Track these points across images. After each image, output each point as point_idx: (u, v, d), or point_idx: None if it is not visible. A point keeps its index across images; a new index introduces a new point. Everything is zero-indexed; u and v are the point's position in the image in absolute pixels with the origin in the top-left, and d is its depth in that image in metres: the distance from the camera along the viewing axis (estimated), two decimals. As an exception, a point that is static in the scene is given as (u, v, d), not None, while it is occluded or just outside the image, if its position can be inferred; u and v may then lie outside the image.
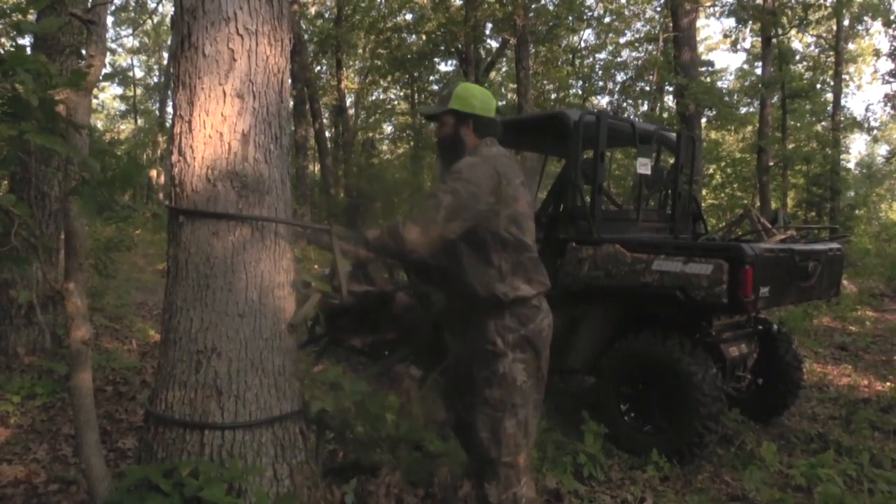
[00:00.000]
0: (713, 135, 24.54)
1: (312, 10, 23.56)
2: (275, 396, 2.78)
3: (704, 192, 21.22)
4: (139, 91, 34.61)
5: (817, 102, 21.81)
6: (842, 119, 20.66)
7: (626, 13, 23.01)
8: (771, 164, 18.93)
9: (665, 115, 20.20)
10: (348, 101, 26.70)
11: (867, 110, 55.04)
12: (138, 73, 35.47)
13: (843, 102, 21.93)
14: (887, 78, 20.95)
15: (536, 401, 2.71)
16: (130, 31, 31.32)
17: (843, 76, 21.96)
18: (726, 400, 4.25)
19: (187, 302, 2.70)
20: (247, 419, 2.69)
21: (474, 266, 2.64)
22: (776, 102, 20.09)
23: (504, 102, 25.34)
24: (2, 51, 2.47)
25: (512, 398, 2.62)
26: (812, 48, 23.89)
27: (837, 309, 10.06)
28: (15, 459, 3.71)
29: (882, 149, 34.31)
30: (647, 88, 21.62)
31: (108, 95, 35.53)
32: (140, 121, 33.34)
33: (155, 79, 34.23)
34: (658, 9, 22.00)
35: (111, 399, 4.81)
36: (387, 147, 30.21)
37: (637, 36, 23.37)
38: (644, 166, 5.04)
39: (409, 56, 21.75)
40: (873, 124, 25.11)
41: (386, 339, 3.62)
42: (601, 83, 23.59)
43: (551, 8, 18.27)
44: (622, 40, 23.48)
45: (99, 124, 32.60)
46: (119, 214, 2.75)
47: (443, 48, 21.25)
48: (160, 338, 2.90)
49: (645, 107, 22.35)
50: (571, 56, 23.15)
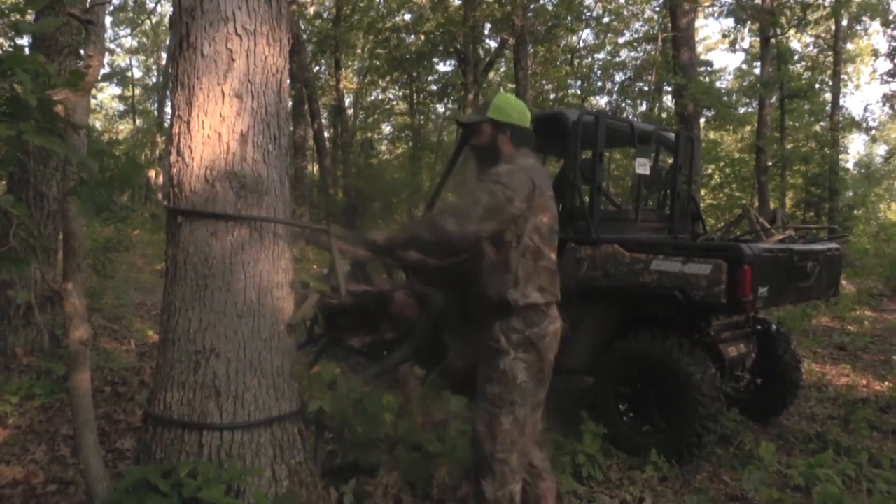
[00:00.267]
0: (712, 135, 24.56)
1: (311, 10, 23.55)
2: (273, 397, 2.78)
3: (703, 192, 21.27)
4: (138, 91, 34.60)
5: (816, 102, 21.85)
6: (840, 119, 20.68)
7: (625, 13, 23.03)
8: (769, 164, 18.96)
9: (664, 115, 20.23)
10: (347, 102, 26.72)
11: (866, 110, 55.41)
12: (137, 74, 35.50)
13: (842, 102, 21.96)
14: (886, 78, 21.03)
15: (536, 401, 2.74)
16: (129, 32, 31.37)
17: (842, 76, 21.98)
18: (725, 400, 4.25)
19: (186, 302, 2.70)
20: (245, 420, 2.69)
21: (493, 269, 2.72)
22: (775, 102, 20.11)
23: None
24: (0, 51, 2.47)
25: (511, 395, 2.67)
26: (811, 48, 23.95)
27: (836, 309, 10.07)
28: (13, 460, 3.70)
29: (880, 149, 34.40)
30: (646, 88, 21.65)
31: (107, 95, 35.54)
32: (138, 121, 33.30)
33: (153, 79, 34.25)
34: (657, 9, 22.02)
35: (109, 399, 4.81)
36: (385, 147, 30.23)
37: (636, 36, 23.42)
38: (643, 166, 5.04)
39: (408, 56, 21.74)
40: (872, 124, 25.29)
41: (385, 339, 3.62)
42: (600, 83, 23.63)
43: (550, 8, 18.29)
44: (621, 40, 23.51)
45: (97, 124, 32.57)
46: (117, 215, 2.76)
47: (441, 48, 21.26)
48: (159, 338, 2.90)
49: (644, 107, 22.39)
50: (570, 56, 23.17)
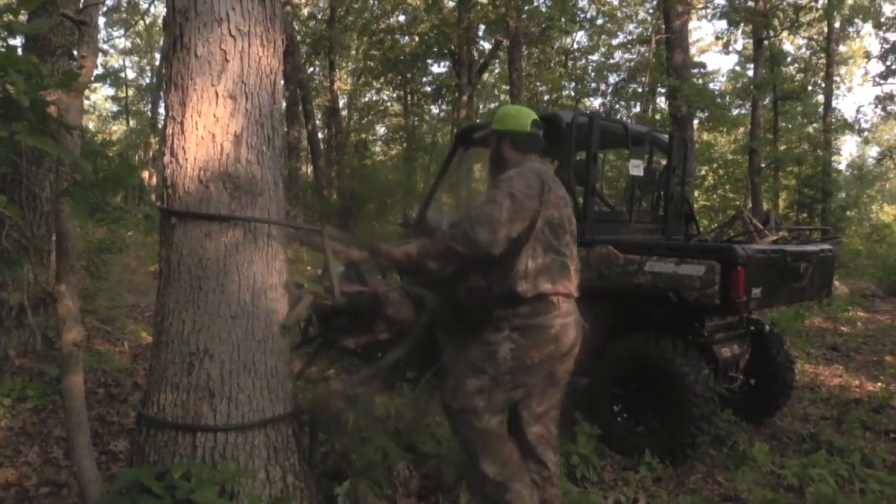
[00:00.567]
0: (705, 136, 24.61)
1: (305, 12, 23.53)
2: (267, 398, 2.78)
3: (696, 194, 21.31)
4: (131, 92, 34.45)
5: (809, 104, 21.93)
6: (833, 121, 20.77)
7: (619, 15, 23.11)
8: (763, 166, 19.01)
9: (657, 117, 20.27)
10: (341, 103, 26.66)
11: (858, 112, 55.25)
12: (130, 74, 35.37)
13: (834, 104, 21.94)
14: (878, 80, 21.17)
15: (514, 385, 2.80)
16: (122, 32, 31.31)
17: (834, 78, 22.06)
18: (719, 400, 4.25)
19: (179, 304, 2.69)
20: (239, 421, 2.68)
21: (501, 264, 2.79)
22: (768, 104, 20.18)
23: (497, 104, 25.41)
24: (-8, 51, 2.45)
25: (484, 364, 2.77)
26: (803, 50, 24.01)
27: (829, 310, 10.11)
28: (6, 462, 3.68)
29: (873, 150, 34.47)
30: (640, 90, 21.69)
31: (100, 96, 35.41)
32: (132, 122, 33.20)
33: (147, 80, 34.08)
34: (650, 11, 22.11)
35: (103, 401, 4.79)
36: (380, 148, 30.20)
37: (629, 38, 23.46)
38: (636, 168, 5.05)
39: (402, 57, 21.72)
40: (864, 126, 25.27)
41: (379, 340, 3.61)
42: (594, 85, 23.69)
43: (544, 10, 18.32)
44: (615, 42, 23.60)
45: (91, 125, 32.40)
46: (111, 216, 2.76)
47: (436, 50, 21.27)
48: (152, 340, 2.89)
49: (637, 108, 22.46)
50: (564, 58, 23.18)
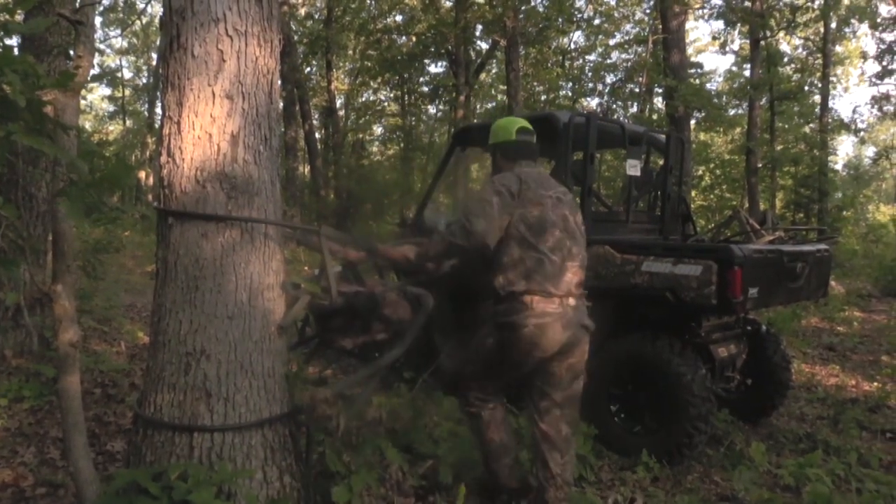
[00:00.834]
0: (702, 136, 24.66)
1: (302, 12, 23.52)
2: (264, 399, 2.77)
3: (693, 194, 21.31)
4: (128, 92, 34.41)
5: (805, 104, 21.97)
6: (829, 121, 20.79)
7: (616, 15, 23.12)
8: (759, 166, 19.04)
9: (654, 117, 20.30)
10: (338, 103, 26.63)
11: (854, 112, 55.54)
12: (127, 74, 35.31)
13: (831, 104, 22.05)
14: (874, 80, 21.22)
15: (501, 379, 3.13)
16: (119, 32, 31.26)
17: (831, 78, 22.10)
18: (715, 400, 4.25)
19: (176, 304, 2.69)
20: (236, 421, 2.68)
21: (489, 261, 3.00)
22: (765, 104, 20.20)
23: (494, 104, 25.43)
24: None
25: (474, 341, 3.14)
26: (800, 50, 24.08)
27: (825, 310, 10.13)
28: (2, 463, 3.67)
29: (869, 150, 34.64)
30: (637, 90, 21.72)
31: (97, 96, 35.37)
32: (129, 122, 33.18)
33: (144, 80, 34.06)
34: (647, 11, 22.13)
35: (100, 402, 4.78)
36: (377, 148, 30.19)
37: (627, 38, 23.48)
38: (633, 168, 5.05)
39: (399, 57, 21.70)
40: (860, 126, 25.33)
41: (376, 341, 3.60)
42: (591, 85, 23.68)
43: (541, 10, 18.32)
44: (612, 42, 23.63)
45: (87, 125, 32.38)
46: (107, 216, 2.75)
47: (433, 50, 21.25)
48: (149, 340, 2.88)
49: (634, 108, 22.44)
50: (561, 58, 23.21)
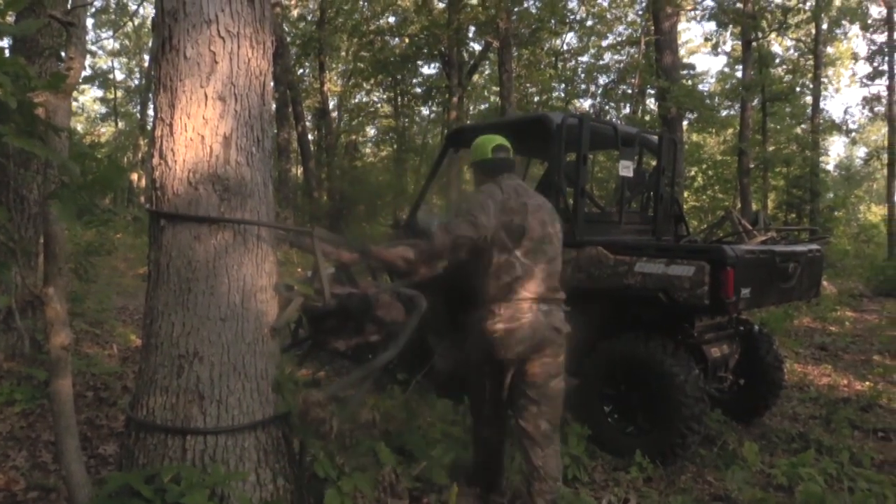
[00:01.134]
0: (694, 137, 24.71)
1: (295, 13, 23.48)
2: (258, 401, 2.77)
3: (686, 195, 21.40)
4: (120, 94, 34.27)
5: (797, 105, 22.09)
6: (821, 122, 20.92)
7: (608, 17, 23.16)
8: (752, 167, 19.12)
9: (647, 118, 20.33)
10: (331, 104, 26.64)
11: (846, 113, 55.58)
12: (119, 76, 35.20)
13: (822, 105, 22.23)
14: (865, 81, 21.29)
15: (486, 373, 3.31)
16: (111, 34, 31.14)
17: (822, 79, 22.20)
18: (708, 400, 4.27)
19: (169, 306, 2.68)
20: (229, 424, 2.67)
21: (477, 265, 3.18)
22: (756, 105, 20.30)
23: (487, 105, 25.45)
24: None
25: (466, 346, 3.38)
26: (791, 52, 24.16)
27: (817, 309, 10.18)
28: (-6, 467, 3.65)
29: (860, 151, 34.75)
30: (629, 91, 21.75)
31: (89, 98, 35.21)
32: (121, 124, 33.02)
33: (136, 81, 33.90)
34: (640, 12, 22.18)
35: (92, 405, 4.76)
36: (370, 150, 30.19)
37: (619, 39, 23.52)
38: (626, 169, 5.06)
39: (392, 59, 21.72)
40: (851, 127, 25.49)
41: (370, 342, 3.60)
42: (584, 86, 23.68)
43: (534, 11, 18.34)
44: (604, 43, 23.63)
45: (79, 127, 32.23)
46: (99, 218, 2.74)
47: (426, 51, 21.28)
48: (141, 342, 2.87)
49: (627, 110, 22.51)
50: (554, 59, 23.22)
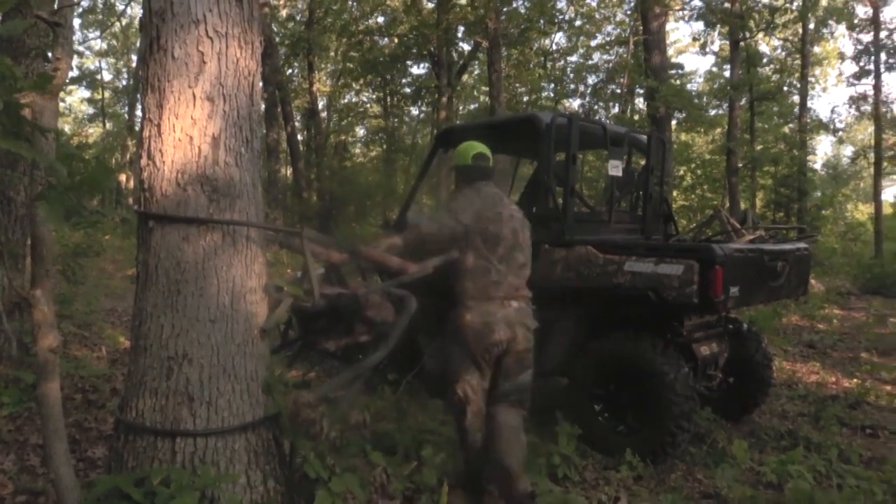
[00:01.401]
0: (683, 137, 24.82)
1: (284, 13, 23.41)
2: (247, 402, 2.76)
3: (675, 194, 21.49)
4: (107, 94, 34.08)
5: (784, 104, 22.20)
6: (808, 121, 21.02)
7: (597, 16, 23.23)
8: (740, 166, 19.20)
9: (636, 118, 20.41)
10: (320, 105, 26.58)
11: (833, 112, 56.10)
12: (106, 76, 34.98)
13: (810, 104, 22.35)
14: (851, 80, 21.42)
15: (473, 364, 3.40)
16: (98, 34, 30.95)
17: (809, 79, 22.32)
18: (698, 399, 4.29)
19: (158, 308, 2.67)
20: (219, 426, 2.66)
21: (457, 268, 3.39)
22: (744, 105, 20.39)
23: (476, 105, 25.47)
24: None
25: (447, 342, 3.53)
26: (779, 51, 24.29)
27: (805, 308, 10.25)
28: (-19, 471, 3.62)
29: (847, 150, 35.00)
30: (618, 91, 21.84)
31: (76, 98, 35.01)
32: (108, 124, 32.84)
33: (123, 82, 33.74)
34: (628, 12, 22.26)
35: (80, 407, 4.72)
36: (359, 150, 30.16)
37: (608, 39, 23.60)
38: (615, 168, 5.07)
39: (382, 59, 21.69)
40: (838, 126, 25.61)
41: (360, 343, 3.60)
42: (573, 86, 23.77)
43: (523, 11, 18.37)
44: (593, 43, 23.71)
45: (66, 128, 32.04)
46: (87, 220, 2.73)
47: (415, 51, 21.27)
48: (130, 344, 2.86)
49: (616, 109, 22.59)
50: (543, 59, 23.27)
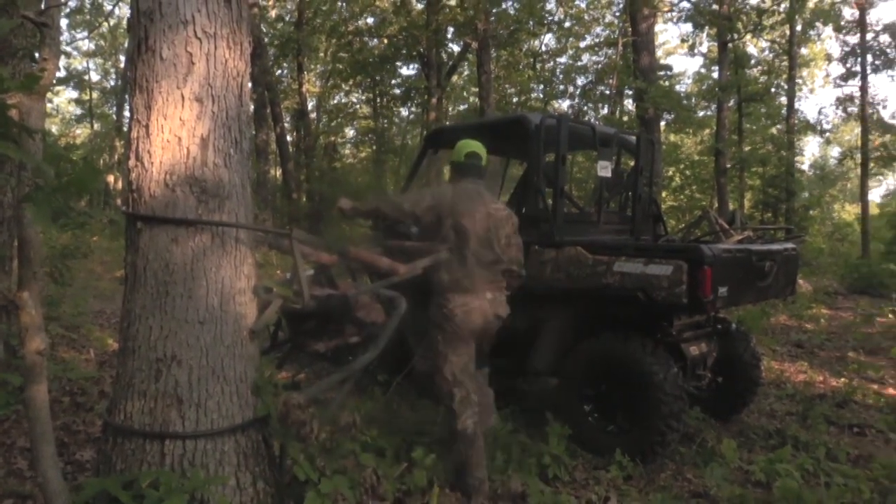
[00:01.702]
0: (672, 138, 24.93)
1: (273, 14, 23.36)
2: (237, 404, 2.75)
3: (664, 194, 21.58)
4: (95, 95, 33.92)
5: (772, 106, 22.34)
6: (796, 122, 21.15)
7: (586, 18, 23.30)
8: (728, 167, 19.29)
9: (625, 119, 20.49)
10: (310, 105, 26.52)
11: (820, 113, 56.43)
12: (94, 77, 34.84)
13: (797, 106, 22.52)
14: (838, 81, 21.62)
15: (451, 346, 3.59)
16: (86, 34, 30.78)
17: (797, 80, 22.46)
18: (687, 398, 4.30)
19: (146, 309, 2.66)
20: (208, 428, 2.65)
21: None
22: (733, 106, 20.51)
23: (466, 106, 25.49)
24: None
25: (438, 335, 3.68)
26: (766, 53, 24.43)
27: (793, 307, 10.31)
28: (-33, 474, 3.60)
29: (834, 150, 35.29)
30: (607, 92, 21.92)
31: (63, 99, 34.84)
32: (96, 125, 32.69)
33: (111, 82, 33.59)
34: (617, 14, 22.35)
35: (68, 410, 4.70)
36: (349, 151, 30.12)
37: (597, 40, 23.69)
38: (604, 169, 5.09)
39: (371, 60, 21.67)
40: (826, 127, 25.84)
41: (349, 344, 3.59)
42: (562, 87, 23.83)
43: (512, 12, 18.40)
44: (582, 45, 23.78)
45: (54, 129, 31.89)
46: (75, 221, 2.72)
47: (405, 52, 21.25)
48: (118, 346, 2.85)
49: (605, 110, 22.67)
50: (532, 60, 23.32)
